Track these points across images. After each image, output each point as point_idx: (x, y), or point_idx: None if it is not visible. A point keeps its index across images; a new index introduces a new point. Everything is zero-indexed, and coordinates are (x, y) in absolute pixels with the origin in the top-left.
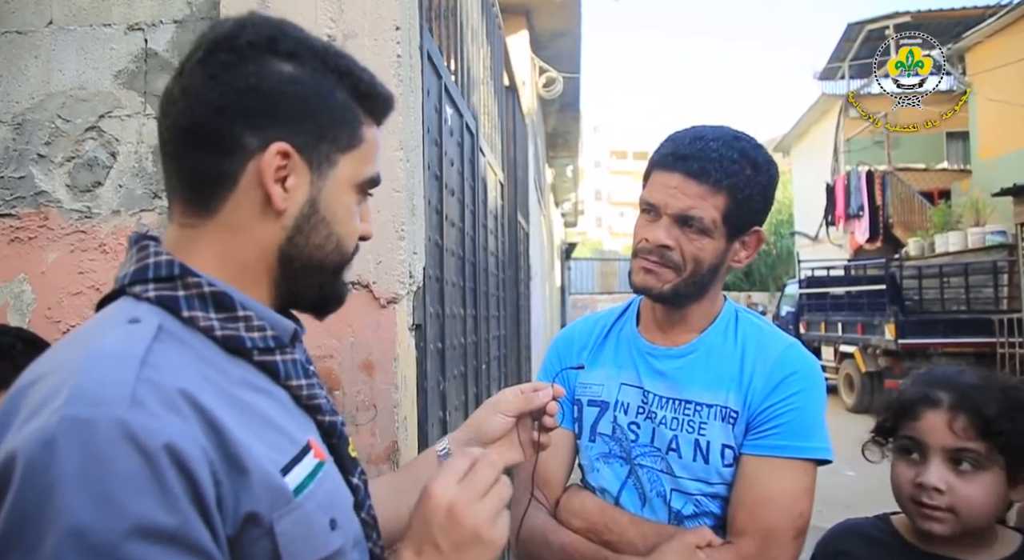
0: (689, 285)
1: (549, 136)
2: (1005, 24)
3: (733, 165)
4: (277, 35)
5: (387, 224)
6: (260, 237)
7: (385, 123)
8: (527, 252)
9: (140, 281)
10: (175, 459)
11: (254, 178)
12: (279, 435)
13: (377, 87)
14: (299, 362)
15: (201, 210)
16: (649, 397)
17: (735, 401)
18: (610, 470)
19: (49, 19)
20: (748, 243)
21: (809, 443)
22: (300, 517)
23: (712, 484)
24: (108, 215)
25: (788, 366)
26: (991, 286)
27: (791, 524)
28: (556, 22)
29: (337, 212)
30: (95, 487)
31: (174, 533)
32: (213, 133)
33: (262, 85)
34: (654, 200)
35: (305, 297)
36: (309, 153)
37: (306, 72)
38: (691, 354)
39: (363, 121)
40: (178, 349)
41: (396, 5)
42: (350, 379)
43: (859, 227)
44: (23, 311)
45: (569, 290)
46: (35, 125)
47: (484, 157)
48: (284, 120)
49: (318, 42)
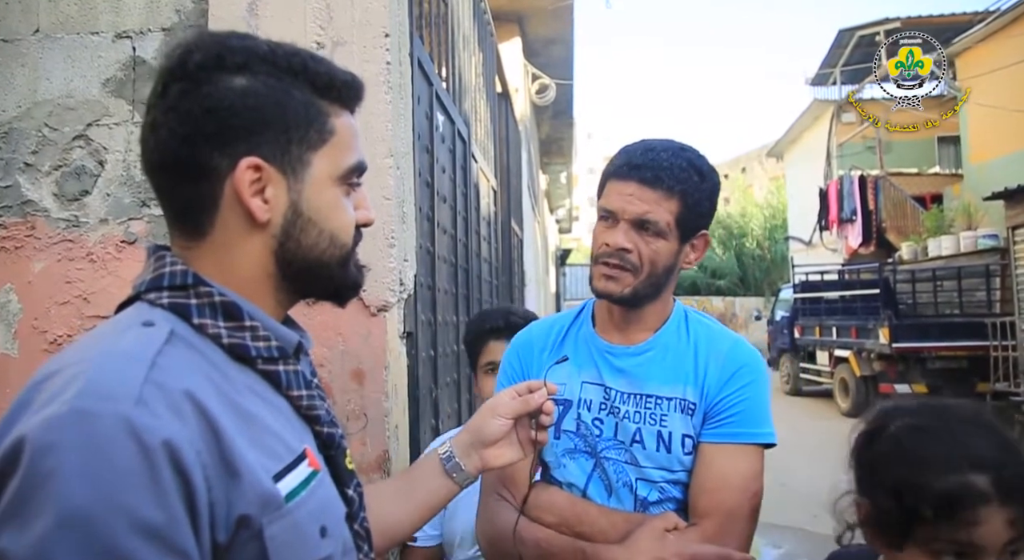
0: (647, 286)
1: (543, 143)
2: (994, 30)
3: (683, 173)
4: (223, 51)
5: (377, 232)
6: (252, 250)
7: (360, 108)
8: (521, 258)
9: (155, 288)
10: (172, 458)
11: (233, 197)
12: (276, 442)
13: (337, 76)
14: (301, 373)
15: (194, 234)
16: (611, 393)
17: (692, 393)
18: (576, 465)
19: (36, 27)
20: (697, 245)
21: (760, 429)
22: (290, 523)
23: (674, 471)
24: (96, 224)
25: (738, 360)
26: (984, 290)
27: (748, 503)
28: (549, 29)
29: (322, 209)
30: (92, 476)
31: (160, 530)
32: (185, 162)
33: (219, 105)
34: (612, 207)
35: (318, 291)
36: (279, 160)
37: (258, 81)
38: (648, 351)
39: (330, 113)
40: (187, 353)
41: (385, 13)
42: (340, 388)
43: (852, 231)
44: (9, 321)
45: (564, 296)
46: (22, 134)
47: (477, 164)
48: (246, 134)
49: (264, 47)
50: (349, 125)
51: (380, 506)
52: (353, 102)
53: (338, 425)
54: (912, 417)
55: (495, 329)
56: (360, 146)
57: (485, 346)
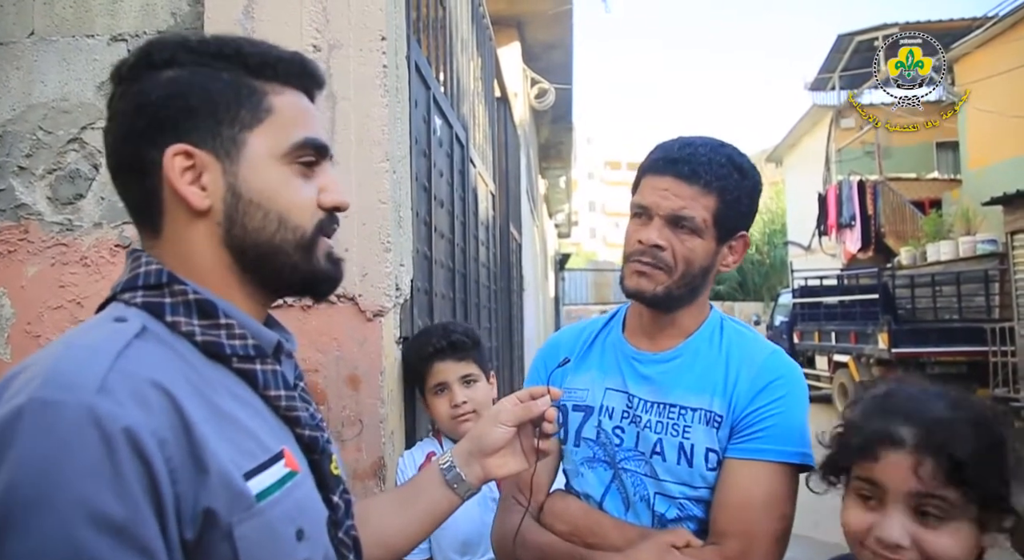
0: (680, 287)
1: (542, 147)
2: (993, 35)
3: (721, 169)
4: (151, 49)
5: (372, 236)
6: (201, 240)
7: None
8: (520, 263)
9: (131, 288)
10: (133, 445)
11: (171, 189)
12: (249, 440)
13: (272, 54)
14: (280, 373)
15: (153, 233)
16: (634, 401)
17: (720, 405)
18: (594, 475)
19: (31, 30)
20: (735, 248)
21: (792, 447)
22: (262, 523)
23: (696, 488)
24: (90, 228)
25: (773, 371)
26: (983, 295)
27: (773, 526)
28: (548, 34)
29: (265, 190)
30: (48, 465)
31: (122, 525)
32: (128, 161)
33: (146, 100)
34: (646, 202)
35: (284, 282)
36: (211, 144)
37: (184, 71)
38: (676, 359)
39: (267, 92)
40: (159, 349)
41: (382, 16)
42: (335, 393)
43: (851, 237)
44: (2, 326)
45: (563, 301)
46: (16, 137)
47: (475, 168)
48: (172, 124)
49: (195, 39)
50: (293, 103)
51: (380, 518)
52: (300, 80)
53: (323, 429)
54: (899, 383)
55: (439, 350)
56: (315, 125)
57: (431, 368)
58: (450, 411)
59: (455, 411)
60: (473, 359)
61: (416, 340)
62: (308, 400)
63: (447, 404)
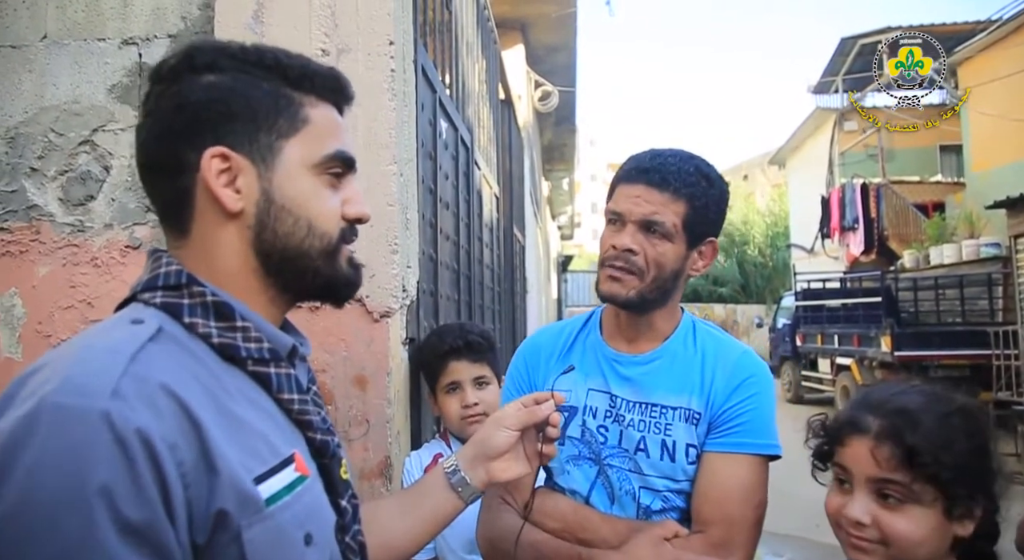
0: (652, 290)
1: (545, 149)
2: (996, 39)
3: (690, 177)
4: (193, 52)
5: (380, 238)
6: (231, 242)
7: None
8: (523, 264)
9: (150, 289)
10: (146, 447)
11: (205, 190)
12: (261, 444)
13: (310, 68)
14: (294, 377)
15: (180, 233)
16: (617, 401)
17: (698, 403)
18: (580, 472)
19: (44, 33)
20: (705, 253)
21: (764, 440)
22: (271, 527)
23: (678, 481)
24: (101, 229)
25: (746, 370)
26: (986, 298)
27: (751, 513)
28: (552, 37)
29: (296, 197)
30: (70, 468)
31: (141, 527)
32: (162, 160)
33: (186, 101)
34: (619, 209)
35: (306, 286)
36: (248, 149)
37: (225, 77)
38: (656, 361)
39: (304, 103)
40: (174, 350)
41: (390, 20)
42: (343, 394)
43: (854, 239)
44: (13, 325)
45: (566, 302)
46: (28, 139)
47: (479, 170)
48: (212, 127)
49: (236, 46)
50: (327, 116)
51: (384, 522)
52: (334, 95)
53: (334, 434)
54: (892, 382)
55: (455, 349)
56: (345, 139)
57: (445, 366)
58: (460, 411)
59: (466, 411)
60: (487, 361)
61: (432, 338)
62: (320, 404)
63: (458, 404)
